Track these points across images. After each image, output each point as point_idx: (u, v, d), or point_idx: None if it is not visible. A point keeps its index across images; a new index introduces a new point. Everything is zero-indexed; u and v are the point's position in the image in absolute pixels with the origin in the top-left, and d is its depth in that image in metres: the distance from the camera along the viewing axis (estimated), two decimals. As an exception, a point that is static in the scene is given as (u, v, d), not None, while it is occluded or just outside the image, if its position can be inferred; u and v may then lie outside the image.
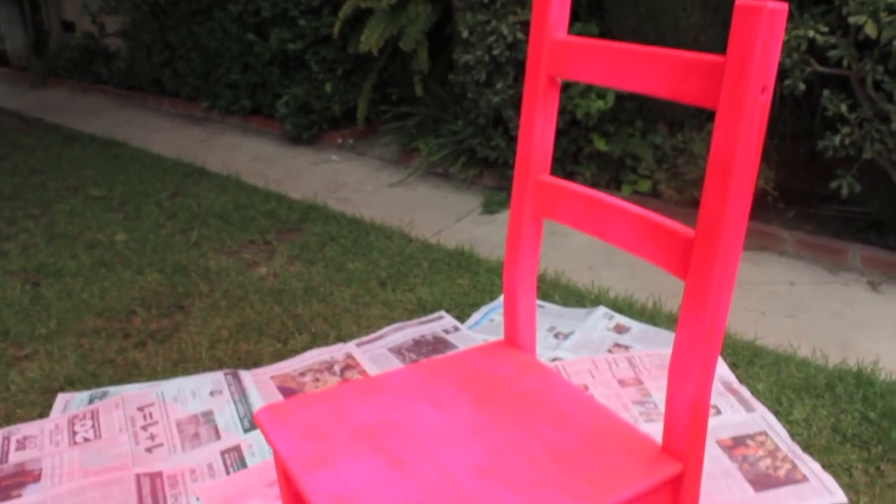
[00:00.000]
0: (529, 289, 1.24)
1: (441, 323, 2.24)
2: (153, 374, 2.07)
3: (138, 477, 1.67)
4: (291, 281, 2.59)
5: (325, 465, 0.99)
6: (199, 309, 2.41)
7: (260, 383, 1.96)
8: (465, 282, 2.55)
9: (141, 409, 1.89)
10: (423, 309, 2.37)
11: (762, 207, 2.99)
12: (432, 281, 2.56)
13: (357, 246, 2.85)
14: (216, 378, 1.99)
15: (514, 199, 1.20)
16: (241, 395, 1.91)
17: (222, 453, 1.74)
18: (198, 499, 1.60)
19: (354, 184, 3.67)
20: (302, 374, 2.00)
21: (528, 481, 0.96)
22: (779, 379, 2.01)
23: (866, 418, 1.88)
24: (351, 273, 2.63)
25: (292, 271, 2.67)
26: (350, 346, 2.11)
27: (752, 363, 2.09)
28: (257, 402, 1.88)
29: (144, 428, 1.82)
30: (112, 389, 1.98)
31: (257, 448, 1.74)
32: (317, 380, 1.97)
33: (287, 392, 1.93)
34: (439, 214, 3.26)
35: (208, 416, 1.86)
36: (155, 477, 1.67)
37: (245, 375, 2.00)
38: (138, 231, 3.07)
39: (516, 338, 1.26)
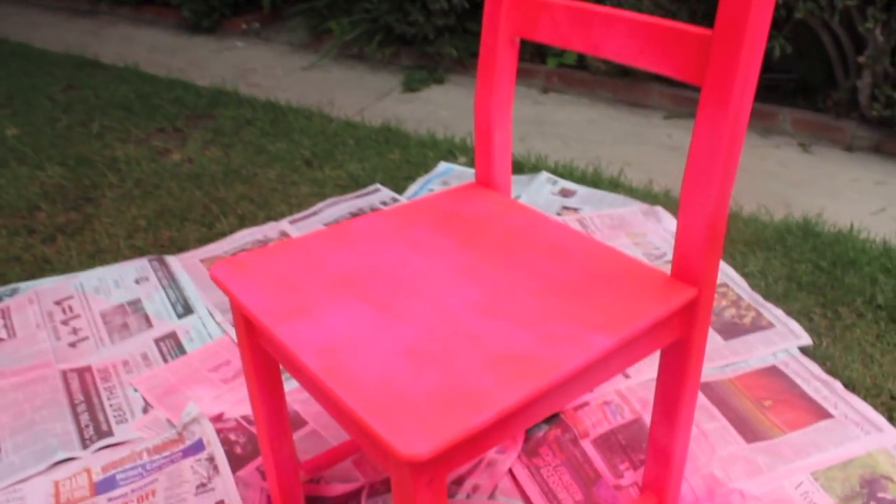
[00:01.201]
0: (504, 121, 1.12)
1: (378, 196, 2.11)
2: (67, 268, 1.87)
3: (64, 373, 1.50)
4: (209, 165, 2.39)
5: (302, 315, 0.86)
6: (111, 199, 2.20)
7: (189, 267, 1.80)
8: (396, 156, 2.41)
9: (59, 302, 1.71)
10: (355, 184, 2.22)
11: (693, 73, 2.92)
12: (361, 157, 2.41)
13: (275, 128, 2.66)
14: (140, 265, 1.81)
15: (486, 18, 1.06)
16: (171, 281, 1.74)
17: (157, 341, 1.58)
18: (135, 390, 1.46)
19: (264, 69, 3.43)
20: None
21: (535, 315, 0.86)
22: (730, 235, 1.98)
23: (818, 266, 1.87)
24: (273, 154, 2.45)
25: (209, 156, 2.46)
26: (283, 224, 1.96)
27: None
28: (189, 287, 1.72)
29: (65, 322, 1.65)
30: (23, 286, 1.78)
31: (195, 333, 1.59)
32: (252, 261, 1.82)
33: (221, 275, 1.77)
34: (359, 95, 3.08)
35: (136, 304, 1.69)
36: (83, 372, 1.51)
37: (172, 261, 1.83)
38: (31, 125, 2.78)
39: (490, 178, 1.15)
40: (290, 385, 1.43)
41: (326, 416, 1.38)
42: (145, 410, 1.41)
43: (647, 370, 1.47)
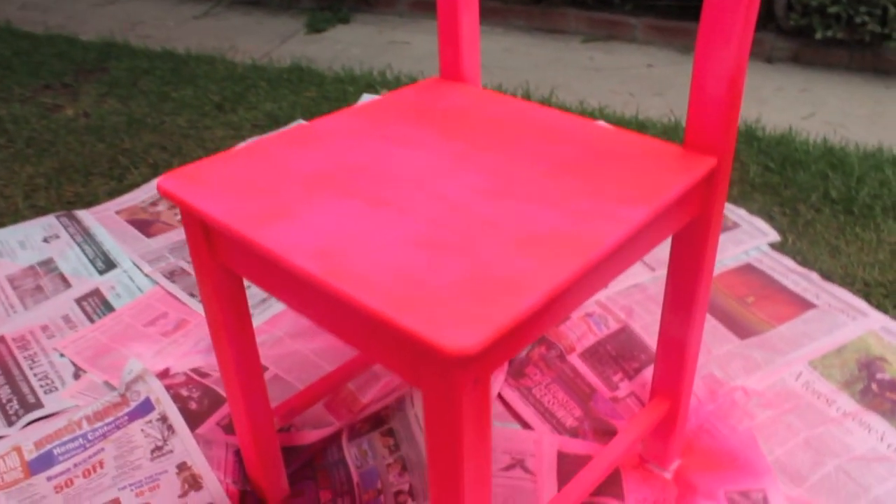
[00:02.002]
0: (471, 2, 0.99)
1: (306, 133, 1.95)
2: (-41, 235, 1.64)
3: (-28, 346, 1.31)
4: (109, 117, 2.17)
5: (283, 217, 0.73)
6: (1, 161, 1.96)
7: (105, 220, 1.61)
8: (313, 93, 2.25)
9: (-46, 271, 1.49)
10: (275, 123, 2.06)
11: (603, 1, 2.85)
12: (276, 97, 2.24)
13: (177, 76, 2.45)
14: (47, 223, 1.61)
15: None
16: (86, 236, 1.55)
17: (78, 301, 1.40)
18: (62, 355, 1.28)
19: (153, 21, 3.17)
20: (154, 204, 1.66)
21: (553, 195, 0.75)
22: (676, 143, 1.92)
23: (768, 168, 1.83)
24: (178, 101, 2.25)
25: (107, 108, 2.24)
26: (206, 169, 1.78)
27: (643, 133, 1.98)
28: (108, 241, 1.54)
29: (-35, 291, 1.44)
30: None
31: (122, 288, 1.42)
32: (173, 206, 1.64)
33: (141, 225, 1.60)
34: (261, 38, 2.88)
35: (48, 264, 1.50)
36: (-5, 343, 1.32)
37: (84, 215, 1.63)
38: None
39: (458, 69, 1.02)
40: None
41: (290, 358, 1.24)
42: (77, 376, 1.24)
43: (624, 278, 1.39)
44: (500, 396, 1.17)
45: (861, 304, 1.33)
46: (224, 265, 0.82)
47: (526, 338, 0.65)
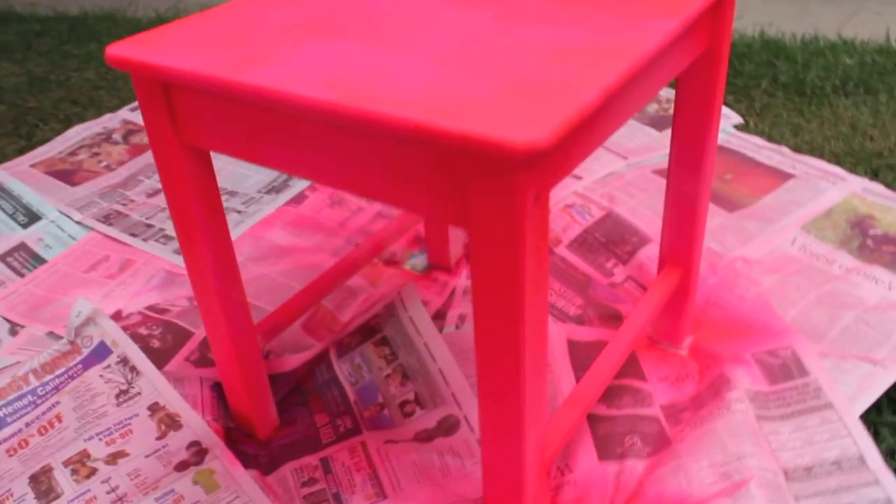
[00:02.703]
0: None
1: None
2: None
3: None
4: (5, 79, 1.97)
5: (270, 61, 0.62)
6: None
7: (20, 174, 1.45)
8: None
9: None
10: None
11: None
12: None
13: (76, 35, 2.25)
14: (-48, 183, 1.44)
15: None
16: (2, 192, 1.39)
17: (2, 258, 1.25)
18: (-8, 313, 1.13)
19: (35, -11, 2.93)
20: (73, 154, 1.50)
21: (570, 18, 0.66)
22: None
23: (713, 61, 1.79)
24: (83, 57, 2.07)
25: (2, 71, 2.04)
26: (124, 113, 1.63)
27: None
28: (27, 194, 1.38)
29: None
30: None
31: (52, 239, 1.27)
32: (96, 154, 1.49)
33: (62, 175, 1.44)
34: (161, -5, 2.70)
35: (-40, 226, 1.33)
36: (-89, 312, 1.16)
37: (-6, 172, 1.46)
38: None
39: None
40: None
41: (256, 283, 1.12)
42: (13, 332, 1.09)
43: (596, 168, 1.32)
44: (493, 295, 1.08)
45: (837, 170, 1.30)
46: (191, 142, 0.70)
47: (584, 146, 0.56)
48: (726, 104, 1.59)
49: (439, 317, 1.04)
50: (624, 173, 1.31)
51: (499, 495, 0.70)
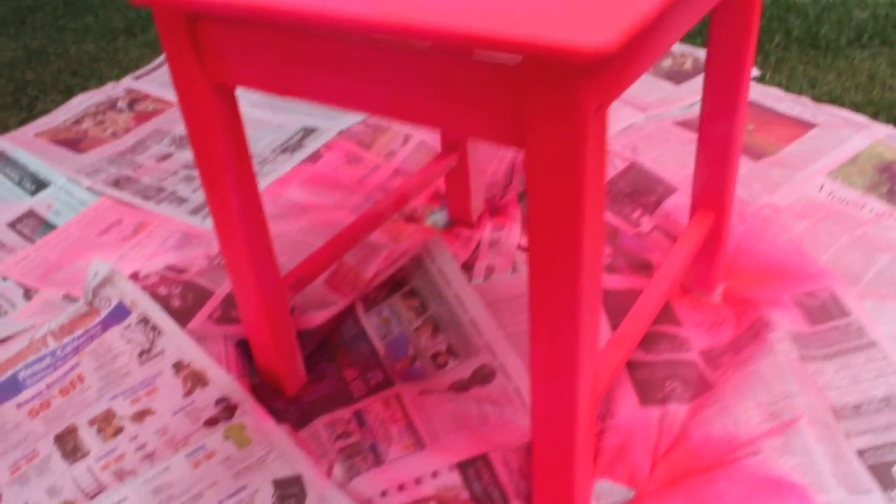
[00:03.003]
0: None
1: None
2: None
3: None
4: (2, 54, 1.93)
5: (301, -20, 0.59)
6: None
7: (24, 143, 1.41)
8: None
9: None
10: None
11: None
12: (191, 15, 2.04)
13: (71, 9, 2.21)
14: (-45, 154, 1.41)
15: None
16: (6, 161, 1.36)
17: (11, 226, 1.22)
18: (5, 279, 1.10)
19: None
20: (78, 122, 1.47)
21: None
22: None
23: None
24: (80, 30, 2.03)
25: (-4, 46, 2.00)
26: (127, 82, 1.60)
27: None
28: (33, 162, 1.35)
29: None
30: None
31: (62, 205, 1.24)
32: (101, 122, 1.46)
33: (68, 143, 1.41)
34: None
35: (-34, 195, 1.30)
36: (-80, 282, 1.13)
37: (1, 142, 1.43)
38: None
39: None
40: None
41: (276, 241, 1.10)
42: (28, 296, 1.06)
43: (614, 121, 1.30)
44: (520, 247, 1.06)
45: (860, 118, 1.28)
46: (218, 79, 0.68)
47: (644, 55, 0.54)
48: (741, 59, 1.57)
49: (466, 269, 1.02)
50: (644, 125, 1.28)
51: (549, 437, 0.68)
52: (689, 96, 1.37)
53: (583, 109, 0.48)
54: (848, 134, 1.23)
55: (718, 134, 0.89)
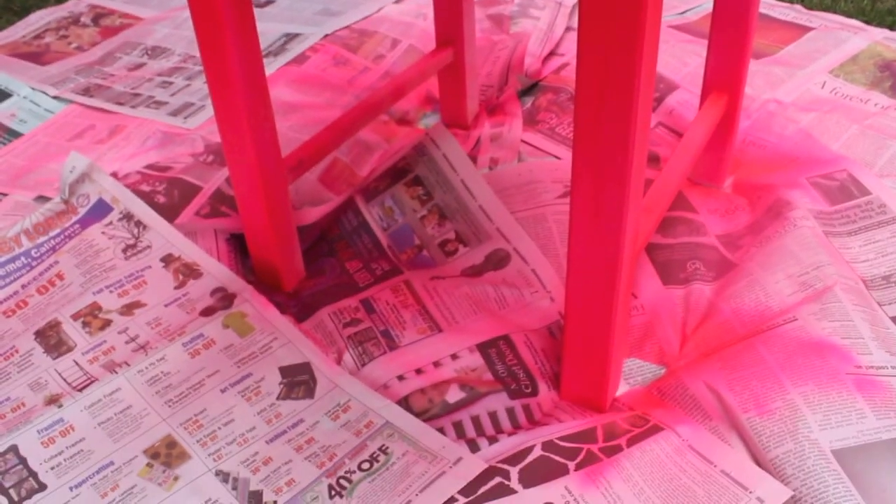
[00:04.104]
0: None
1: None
2: None
3: None
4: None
5: None
6: None
7: (-20, 56, 1.32)
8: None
9: None
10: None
11: None
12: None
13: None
14: None
15: None
16: (-40, 72, 1.27)
17: (-28, 135, 1.13)
18: (-32, 185, 1.02)
19: None
20: (39, 37, 1.38)
21: None
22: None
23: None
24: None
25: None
26: (90, -1, 1.50)
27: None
28: (-9, 74, 1.26)
29: None
30: None
31: (26, 114, 1.16)
32: (64, 37, 1.37)
33: (30, 57, 1.32)
34: None
35: (-81, 106, 1.21)
36: None
37: (-50, 55, 1.33)
38: None
39: None
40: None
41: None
42: (-3, 201, 0.99)
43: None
44: (523, 142, 1.02)
45: (856, 22, 1.26)
46: None
47: None
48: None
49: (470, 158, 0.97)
50: (640, 29, 1.24)
51: (587, 299, 0.63)
52: (683, 4, 1.34)
53: None
54: (846, 36, 1.21)
55: (733, 6, 0.85)
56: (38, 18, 1.44)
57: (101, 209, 0.93)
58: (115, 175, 0.99)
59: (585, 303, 0.64)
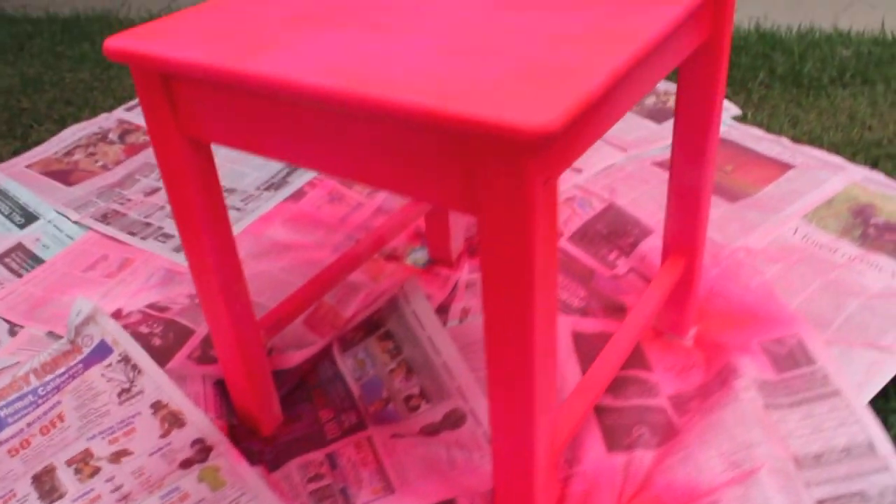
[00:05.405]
0: None
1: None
2: None
3: None
4: (0, 79, 1.96)
5: (270, 48, 0.61)
6: None
7: (16, 175, 1.44)
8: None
9: None
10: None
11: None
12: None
13: (69, 35, 2.24)
14: (-53, 185, 1.43)
15: None
16: (-3, 193, 1.38)
17: (0, 259, 1.23)
18: (-10, 314, 1.12)
19: (27, -9, 2.91)
20: (69, 154, 1.49)
21: (574, 3, 0.66)
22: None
23: (709, 54, 1.79)
24: (77, 58, 2.05)
25: (-7, 73, 2.03)
26: (119, 113, 1.62)
27: None
28: (24, 194, 1.37)
29: None
30: None
31: (50, 239, 1.26)
32: (92, 154, 1.48)
33: (59, 175, 1.43)
34: (154, -5, 2.69)
35: (-43, 227, 1.32)
36: None
37: (-11, 173, 1.45)
38: None
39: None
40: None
41: (257, 279, 1.12)
42: (13, 332, 1.08)
43: (596, 161, 1.32)
44: (496, 288, 1.08)
45: (837, 159, 1.30)
46: (192, 134, 0.70)
47: (591, 130, 0.56)
48: (725, 96, 1.59)
49: (443, 311, 1.04)
50: (624, 165, 1.30)
51: (510, 486, 0.69)
52: (671, 136, 1.39)
53: (530, 183, 0.50)
54: (825, 176, 1.25)
55: (688, 180, 0.91)
56: (71, 133, 1.56)
57: (102, 350, 1.01)
58: (119, 312, 1.08)
59: (509, 486, 0.69)
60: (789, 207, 1.18)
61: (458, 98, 0.49)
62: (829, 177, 1.24)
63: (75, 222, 1.28)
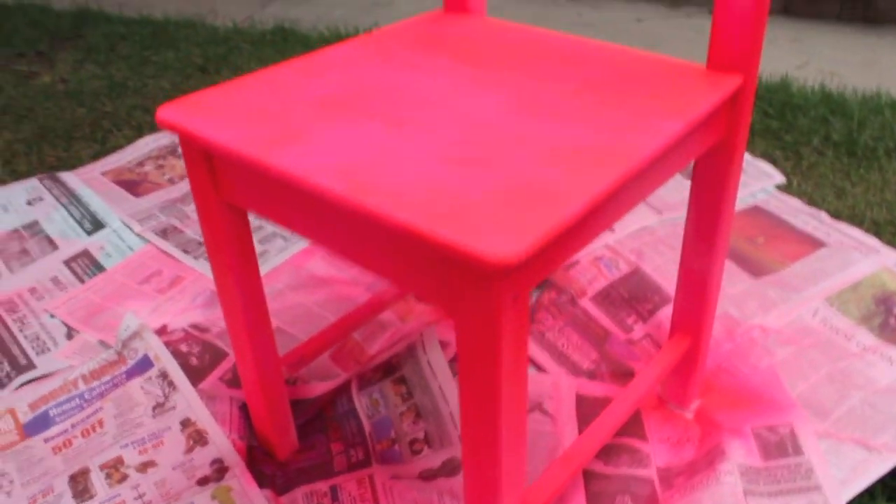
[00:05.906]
0: (479, -75, 0.95)
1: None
2: (-63, 202, 1.58)
3: (-42, 311, 1.26)
4: (88, 82, 2.10)
5: (297, 141, 0.68)
6: (-25, 127, 1.89)
7: (91, 182, 1.55)
8: (299, 53, 2.19)
9: (-65, 236, 1.43)
10: (264, 84, 1.99)
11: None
12: (261, 58, 2.17)
13: (156, 40, 2.37)
14: (30, 186, 1.55)
15: None
16: (72, 198, 1.50)
17: (67, 263, 1.35)
18: (52, 316, 1.23)
19: (127, -12, 3.08)
20: (141, 164, 1.60)
21: (581, 112, 0.71)
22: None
23: (767, 114, 1.80)
24: (160, 64, 2.18)
25: (85, 73, 2.17)
26: (193, 128, 1.72)
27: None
28: (95, 201, 1.48)
29: (-53, 257, 1.38)
30: None
31: (112, 248, 1.36)
32: (161, 166, 1.59)
33: (128, 185, 1.54)
34: (242, 2, 2.81)
35: (33, 227, 1.44)
36: (-18, 307, 1.27)
37: (68, 177, 1.57)
38: None
39: (464, 1, 0.98)
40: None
41: (292, 311, 1.20)
42: (70, 336, 1.19)
43: (630, 221, 1.36)
44: (512, 342, 1.13)
45: (873, 241, 1.31)
46: (229, 201, 0.77)
47: (565, 251, 0.61)
48: (773, 161, 1.60)
49: (452, 359, 1.10)
50: (656, 229, 1.34)
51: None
52: (709, 200, 1.42)
53: (498, 301, 0.56)
54: (856, 258, 1.26)
55: (698, 267, 0.95)
56: (145, 144, 1.67)
57: (144, 364, 1.11)
58: (164, 328, 1.17)
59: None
60: (813, 287, 1.20)
61: (441, 219, 0.55)
62: (861, 259, 1.26)
63: (137, 234, 1.39)
